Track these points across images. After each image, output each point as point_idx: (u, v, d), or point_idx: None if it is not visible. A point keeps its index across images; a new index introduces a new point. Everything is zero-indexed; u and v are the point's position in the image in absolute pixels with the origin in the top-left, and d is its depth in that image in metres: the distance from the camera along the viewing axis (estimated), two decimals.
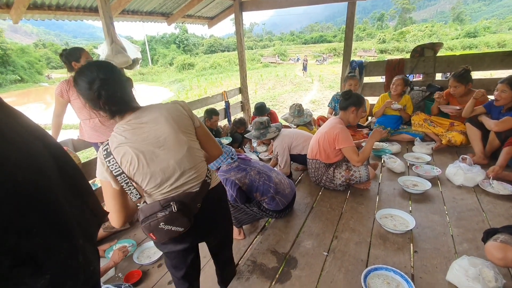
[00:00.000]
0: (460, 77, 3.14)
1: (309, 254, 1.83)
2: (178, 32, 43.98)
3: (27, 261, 0.50)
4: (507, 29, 38.18)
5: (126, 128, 1.11)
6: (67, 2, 3.40)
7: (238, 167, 2.05)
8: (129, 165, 1.09)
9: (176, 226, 1.15)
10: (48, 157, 0.62)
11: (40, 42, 53.93)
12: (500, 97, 2.64)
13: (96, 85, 1.03)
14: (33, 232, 0.52)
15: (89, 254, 0.64)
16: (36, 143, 0.61)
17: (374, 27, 58.49)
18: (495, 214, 2.04)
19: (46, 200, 0.56)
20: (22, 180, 0.52)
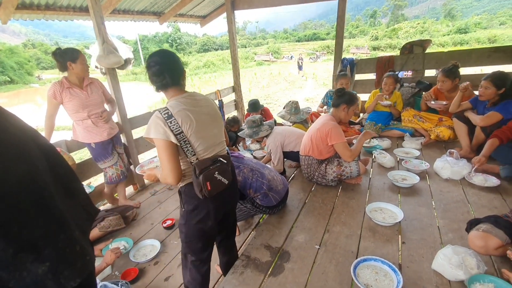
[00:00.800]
0: (448, 72, 3.22)
1: (302, 247, 1.88)
2: (170, 31, 43.63)
3: (28, 248, 0.54)
4: (498, 25, 38.70)
5: (185, 100, 1.38)
6: (56, 2, 3.37)
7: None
8: (188, 127, 1.33)
9: (225, 177, 1.42)
10: (40, 157, 0.65)
11: (29, 42, 52.97)
12: (484, 93, 2.72)
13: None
14: (33, 223, 0.55)
15: (85, 245, 0.68)
16: (29, 143, 0.64)
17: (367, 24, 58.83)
18: (479, 205, 2.12)
19: (43, 194, 0.60)
20: (21, 174, 0.56)
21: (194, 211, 1.45)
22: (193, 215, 1.46)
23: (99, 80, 2.67)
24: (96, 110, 2.53)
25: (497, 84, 2.63)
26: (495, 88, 2.64)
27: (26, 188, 0.56)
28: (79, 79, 2.44)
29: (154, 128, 1.29)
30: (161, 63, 1.36)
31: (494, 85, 2.64)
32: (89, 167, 2.88)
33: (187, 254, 1.58)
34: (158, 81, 1.37)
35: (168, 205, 2.87)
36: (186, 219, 1.48)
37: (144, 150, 3.46)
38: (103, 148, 2.61)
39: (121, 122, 3.04)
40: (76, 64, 2.33)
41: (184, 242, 1.55)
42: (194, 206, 1.44)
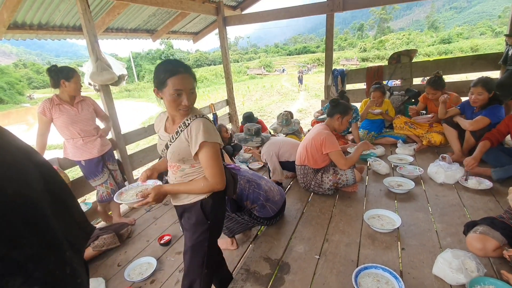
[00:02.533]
0: (435, 84, 3.29)
1: (301, 258, 1.85)
2: (163, 48, 44.26)
3: (17, 271, 0.52)
4: (478, 35, 40.35)
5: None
6: (49, 22, 3.41)
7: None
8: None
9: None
10: (36, 174, 0.64)
11: (20, 62, 52.93)
12: (477, 99, 2.75)
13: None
14: (22, 243, 0.54)
15: (77, 266, 0.66)
16: (24, 160, 0.63)
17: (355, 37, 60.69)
18: (475, 208, 2.14)
19: (35, 213, 0.58)
20: (12, 193, 0.55)
21: (219, 213, 1.48)
22: (219, 216, 1.49)
23: (91, 98, 2.67)
24: (86, 127, 2.51)
25: (488, 88, 2.72)
26: (487, 92, 2.72)
27: (17, 208, 0.55)
28: (70, 97, 2.44)
29: (214, 132, 1.30)
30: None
31: (486, 90, 2.71)
32: (83, 184, 2.83)
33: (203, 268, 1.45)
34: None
35: (164, 221, 2.82)
36: (212, 226, 1.43)
37: (138, 166, 3.43)
38: (93, 165, 2.57)
39: (115, 138, 3.02)
40: (70, 82, 2.34)
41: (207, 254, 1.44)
42: (220, 209, 1.48)
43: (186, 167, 1.38)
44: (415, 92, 4.03)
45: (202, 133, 1.25)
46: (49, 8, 3.12)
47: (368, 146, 2.60)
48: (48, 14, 3.23)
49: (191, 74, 1.30)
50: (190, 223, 1.42)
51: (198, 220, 1.40)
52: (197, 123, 1.28)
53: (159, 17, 4.40)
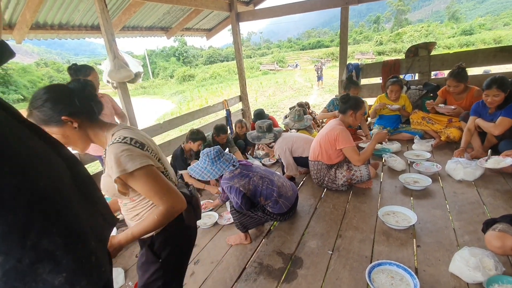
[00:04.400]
0: (458, 76, 3.15)
1: (314, 253, 1.87)
2: (177, 45, 44.71)
3: (46, 259, 0.55)
4: (502, 25, 38.33)
5: (131, 130, 1.17)
6: (69, 22, 3.53)
7: (240, 173, 2.07)
8: (156, 151, 1.18)
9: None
10: (63, 166, 0.68)
11: (41, 61, 54.96)
12: (494, 101, 2.59)
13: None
14: (52, 231, 0.57)
15: (101, 256, 0.69)
16: (51, 153, 0.67)
17: (370, 30, 59.06)
18: (495, 206, 2.07)
19: (64, 205, 0.62)
20: (43, 186, 0.58)
21: (176, 249, 1.24)
22: (177, 252, 1.25)
23: (109, 95, 2.77)
24: None
25: (504, 89, 2.56)
26: (503, 93, 2.57)
27: (48, 200, 0.58)
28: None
29: (134, 156, 1.02)
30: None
31: (502, 90, 2.56)
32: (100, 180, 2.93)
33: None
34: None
35: None
36: (165, 265, 1.21)
37: None
38: None
39: None
40: (90, 77, 2.44)
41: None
42: (178, 243, 1.24)
43: (126, 201, 1.18)
44: (433, 86, 3.90)
45: (116, 167, 1.00)
46: (68, 8, 3.23)
47: (383, 137, 2.56)
48: (68, 14, 3.35)
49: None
50: (141, 261, 1.24)
51: (147, 259, 1.21)
52: (109, 153, 1.04)
53: (174, 14, 4.46)
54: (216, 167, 2.05)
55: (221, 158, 2.08)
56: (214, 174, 2.07)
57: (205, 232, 2.45)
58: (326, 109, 4.12)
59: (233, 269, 1.89)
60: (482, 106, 2.79)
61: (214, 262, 2.01)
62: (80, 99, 1.09)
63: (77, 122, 1.09)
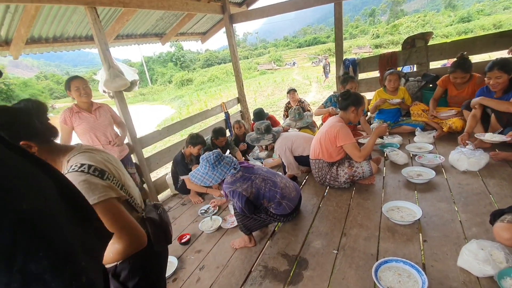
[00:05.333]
0: (465, 67, 3.10)
1: (319, 253, 1.84)
2: (174, 50, 44.85)
3: (34, 282, 0.53)
4: (502, 10, 37.82)
5: (88, 154, 1.08)
6: (63, 34, 3.54)
7: (242, 176, 2.04)
8: (119, 177, 1.10)
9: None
10: (49, 182, 0.66)
11: (41, 74, 55.43)
12: (497, 83, 2.56)
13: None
14: (39, 255, 0.55)
15: (93, 275, 0.67)
16: (36, 171, 0.65)
17: (366, 23, 58.78)
18: (502, 196, 2.03)
19: (51, 226, 0.60)
20: (27, 208, 0.56)
21: (143, 277, 1.12)
22: (148, 280, 1.15)
23: (107, 104, 2.77)
24: (105, 133, 2.61)
25: (506, 70, 2.52)
26: (506, 74, 2.52)
27: (33, 222, 0.55)
28: (87, 104, 2.54)
29: (94, 187, 0.96)
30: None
31: (505, 72, 2.52)
32: None
33: None
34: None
35: (183, 220, 2.88)
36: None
37: (155, 168, 3.51)
38: None
39: (132, 143, 3.11)
40: (71, 91, 2.46)
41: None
42: (146, 271, 1.14)
43: None
44: (432, 77, 3.84)
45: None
46: (62, 20, 3.23)
47: (383, 131, 2.53)
48: (61, 26, 3.35)
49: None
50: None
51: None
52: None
53: (167, 20, 4.45)
54: (217, 171, 2.02)
55: (221, 162, 2.04)
56: (216, 179, 2.03)
57: (210, 237, 2.43)
58: (322, 106, 4.07)
59: (239, 273, 1.87)
60: (487, 92, 2.74)
61: (219, 267, 1.99)
62: (38, 121, 1.01)
63: (37, 147, 1.00)
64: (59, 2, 2.50)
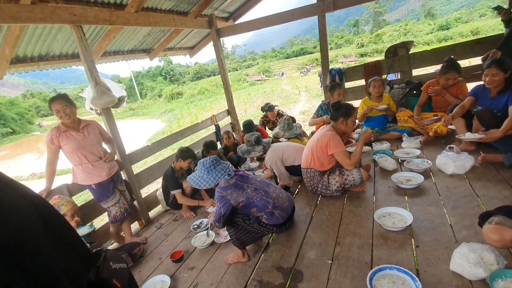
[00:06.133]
0: (457, 68, 3.19)
1: (314, 264, 1.82)
2: (163, 64, 44.95)
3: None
4: (478, 17, 39.56)
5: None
6: (49, 52, 3.51)
7: (235, 184, 2.05)
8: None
9: None
10: (30, 209, 0.64)
11: (28, 92, 54.52)
12: (493, 81, 2.59)
13: None
14: (20, 283, 0.53)
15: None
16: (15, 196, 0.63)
17: (351, 33, 60.51)
18: (489, 198, 2.08)
19: (30, 255, 0.58)
20: (6, 236, 0.55)
21: None
22: None
23: (95, 121, 2.73)
24: (94, 151, 2.56)
25: (503, 68, 2.55)
26: (503, 73, 2.56)
27: (12, 252, 0.54)
28: (74, 122, 2.49)
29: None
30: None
31: (501, 70, 2.55)
32: (93, 208, 2.86)
33: None
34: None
35: (175, 237, 2.82)
36: None
37: (146, 184, 3.46)
38: (104, 188, 2.61)
39: (121, 159, 3.06)
40: (53, 112, 2.40)
41: None
42: None
43: None
44: (416, 84, 3.97)
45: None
46: (47, 39, 3.22)
47: (368, 136, 2.58)
48: (47, 45, 3.33)
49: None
50: None
51: None
52: None
53: (154, 36, 4.48)
54: (212, 175, 2.05)
55: (216, 167, 2.07)
56: (210, 182, 2.06)
57: (203, 253, 2.39)
58: (316, 115, 4.12)
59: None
60: (482, 89, 2.79)
61: (214, 284, 1.95)
62: None
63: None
64: (44, 22, 2.49)
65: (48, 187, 2.50)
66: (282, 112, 4.90)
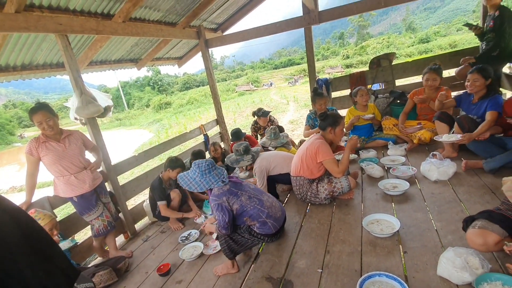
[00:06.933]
0: (438, 70, 3.34)
1: (304, 274, 1.81)
2: (151, 74, 44.71)
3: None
4: (455, 31, 41.66)
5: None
6: (32, 61, 3.43)
7: (229, 191, 2.01)
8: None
9: None
10: (10, 223, 0.62)
11: (9, 102, 52.86)
12: (474, 86, 2.75)
13: None
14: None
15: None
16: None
17: (337, 45, 62.33)
18: (472, 203, 2.14)
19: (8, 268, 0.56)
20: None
21: None
22: None
23: (79, 131, 2.66)
24: (75, 162, 2.48)
25: (484, 75, 2.71)
26: (483, 79, 2.71)
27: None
28: (55, 133, 2.42)
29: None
30: None
31: (482, 76, 2.71)
32: (75, 222, 2.76)
33: None
34: None
35: (162, 249, 2.74)
36: None
37: (132, 195, 3.37)
38: (87, 200, 2.53)
39: (106, 170, 2.98)
40: (35, 123, 2.33)
41: None
42: None
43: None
44: (399, 93, 4.11)
45: None
46: (31, 48, 3.15)
47: (354, 143, 2.62)
48: (30, 54, 3.26)
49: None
50: None
51: None
52: None
53: (142, 46, 4.47)
54: (205, 179, 2.00)
55: (211, 172, 2.02)
56: (202, 186, 2.01)
57: (191, 265, 2.33)
58: (308, 126, 4.09)
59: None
60: (464, 96, 2.98)
61: None
62: None
63: None
64: (28, 31, 2.44)
65: (28, 200, 2.40)
66: (274, 118, 4.92)
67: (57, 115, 2.49)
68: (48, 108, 2.37)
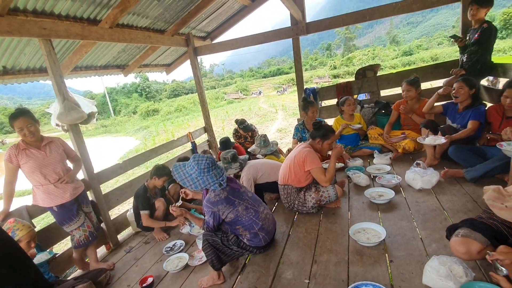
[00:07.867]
0: (411, 82, 3.48)
1: (291, 285, 1.78)
2: (139, 81, 44.19)
3: None
4: (436, 45, 43.58)
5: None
6: (15, 66, 3.32)
7: (226, 199, 1.93)
8: None
9: None
10: None
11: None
12: (459, 92, 2.92)
13: None
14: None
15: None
16: None
17: (324, 56, 63.86)
18: (455, 211, 2.19)
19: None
20: None
21: None
22: None
23: (60, 138, 2.57)
24: (56, 170, 2.39)
25: (469, 84, 2.88)
26: (468, 87, 2.88)
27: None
28: (35, 140, 2.33)
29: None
30: None
31: (467, 85, 2.88)
32: (55, 232, 2.64)
33: None
34: None
35: (146, 261, 2.65)
36: None
37: (115, 205, 3.26)
38: (67, 210, 2.42)
39: (88, 178, 2.88)
40: (15, 129, 2.25)
41: None
42: None
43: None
44: (384, 103, 4.21)
45: None
46: (14, 53, 3.06)
47: (339, 151, 2.66)
48: (13, 58, 3.16)
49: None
50: None
51: None
52: None
53: (129, 52, 4.42)
54: (202, 178, 1.90)
55: (211, 171, 1.91)
56: (197, 185, 1.92)
57: (175, 277, 2.26)
58: (296, 140, 4.00)
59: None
60: (451, 105, 3.16)
61: None
62: None
63: None
64: (11, 35, 2.37)
65: (6, 209, 2.29)
66: (255, 127, 4.94)
67: (39, 121, 2.41)
68: (30, 114, 2.30)
